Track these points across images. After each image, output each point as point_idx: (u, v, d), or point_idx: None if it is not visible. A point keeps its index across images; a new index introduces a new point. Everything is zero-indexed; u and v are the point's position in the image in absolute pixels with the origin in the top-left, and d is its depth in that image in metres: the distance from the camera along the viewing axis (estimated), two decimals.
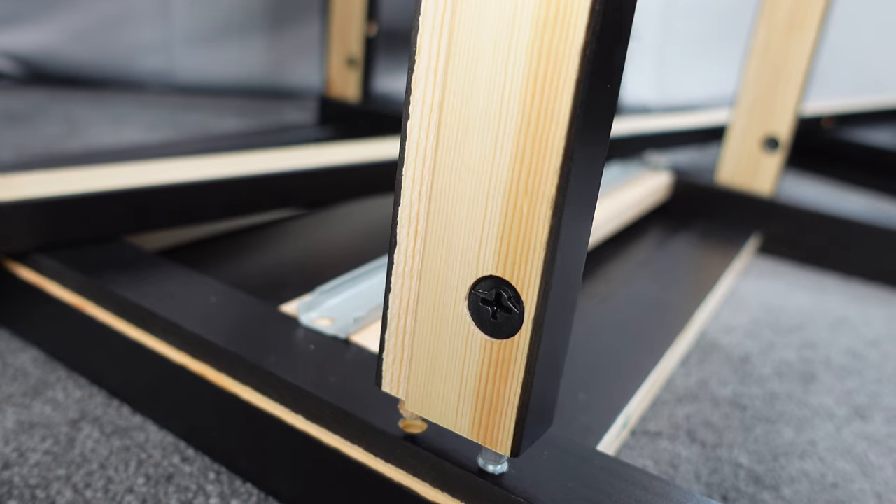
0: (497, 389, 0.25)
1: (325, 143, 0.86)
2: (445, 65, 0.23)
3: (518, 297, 0.23)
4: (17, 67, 1.26)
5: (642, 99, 1.68)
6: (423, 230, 0.25)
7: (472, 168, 0.23)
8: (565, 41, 0.20)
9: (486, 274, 0.24)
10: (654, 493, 0.28)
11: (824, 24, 0.73)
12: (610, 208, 0.69)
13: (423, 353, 0.27)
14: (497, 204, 0.23)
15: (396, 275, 0.26)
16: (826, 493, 0.41)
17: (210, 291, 0.41)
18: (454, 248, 0.24)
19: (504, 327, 0.24)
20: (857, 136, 1.28)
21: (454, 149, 0.23)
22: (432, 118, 0.24)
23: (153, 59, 1.34)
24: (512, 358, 0.24)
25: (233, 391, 0.35)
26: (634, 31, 1.44)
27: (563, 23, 0.20)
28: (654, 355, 0.47)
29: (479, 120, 0.23)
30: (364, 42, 1.06)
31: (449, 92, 0.23)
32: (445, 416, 0.27)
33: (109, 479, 0.36)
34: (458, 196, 0.24)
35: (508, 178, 0.22)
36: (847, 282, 0.76)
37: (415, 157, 0.25)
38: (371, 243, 0.64)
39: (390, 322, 0.27)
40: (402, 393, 0.28)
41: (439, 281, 0.25)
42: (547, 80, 0.21)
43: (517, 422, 0.25)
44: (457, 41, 0.23)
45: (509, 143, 0.22)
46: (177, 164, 0.55)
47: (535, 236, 0.22)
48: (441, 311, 0.25)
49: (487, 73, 0.22)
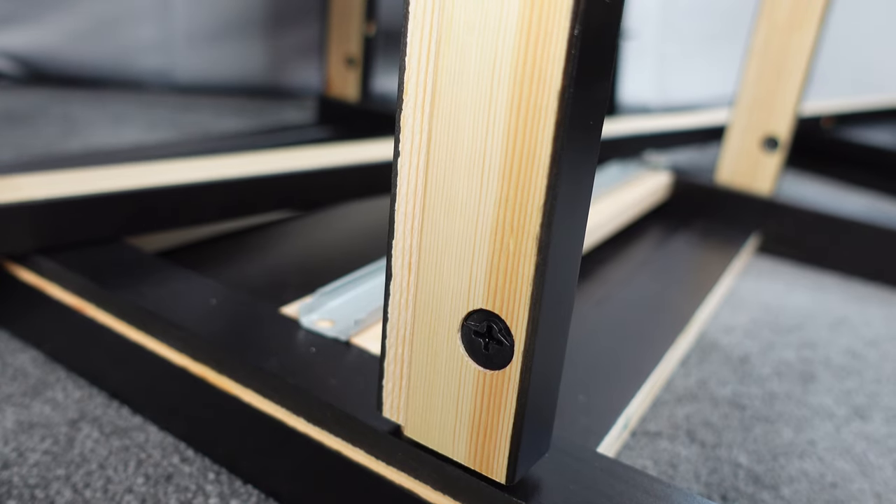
0: (491, 419, 0.26)
1: (325, 143, 0.86)
2: (431, 108, 0.24)
3: (508, 329, 0.24)
4: (16, 67, 1.26)
5: (642, 99, 1.68)
6: (416, 263, 0.26)
7: (459, 206, 0.24)
8: (543, 86, 0.21)
9: (477, 308, 0.25)
10: (655, 496, 0.28)
11: (824, 24, 0.73)
12: (609, 208, 0.69)
13: (419, 382, 0.27)
14: (484, 241, 0.24)
15: (393, 305, 0.27)
16: (825, 492, 0.41)
17: (210, 293, 0.41)
18: (446, 281, 0.25)
19: (496, 359, 0.25)
20: (856, 136, 1.28)
21: (442, 188, 0.24)
22: (420, 157, 0.25)
23: (153, 58, 1.34)
24: (504, 389, 0.25)
25: (234, 393, 0.35)
26: (634, 30, 1.44)
27: (541, 68, 0.21)
28: (653, 356, 0.47)
29: (464, 161, 0.23)
30: (363, 42, 1.06)
31: (435, 133, 0.24)
32: (443, 444, 0.28)
33: (109, 479, 0.36)
34: (448, 233, 0.24)
35: (494, 216, 0.23)
36: (847, 282, 0.76)
37: (405, 193, 0.25)
38: (371, 244, 0.64)
39: (388, 350, 0.28)
40: (401, 419, 0.29)
41: (433, 313, 0.26)
42: (528, 124, 0.22)
43: (511, 450, 0.26)
44: (440, 86, 0.23)
45: (494, 183, 0.23)
46: (177, 165, 0.55)
47: (521, 272, 0.23)
48: (435, 341, 0.26)
49: (471, 118, 0.23)
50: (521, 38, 0.21)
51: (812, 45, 0.73)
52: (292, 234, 0.64)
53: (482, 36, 0.22)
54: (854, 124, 1.40)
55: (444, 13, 0.23)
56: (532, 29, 0.21)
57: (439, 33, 0.23)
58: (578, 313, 0.53)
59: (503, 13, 0.21)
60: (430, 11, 0.23)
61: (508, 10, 0.21)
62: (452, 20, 0.22)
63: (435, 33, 0.23)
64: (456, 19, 0.22)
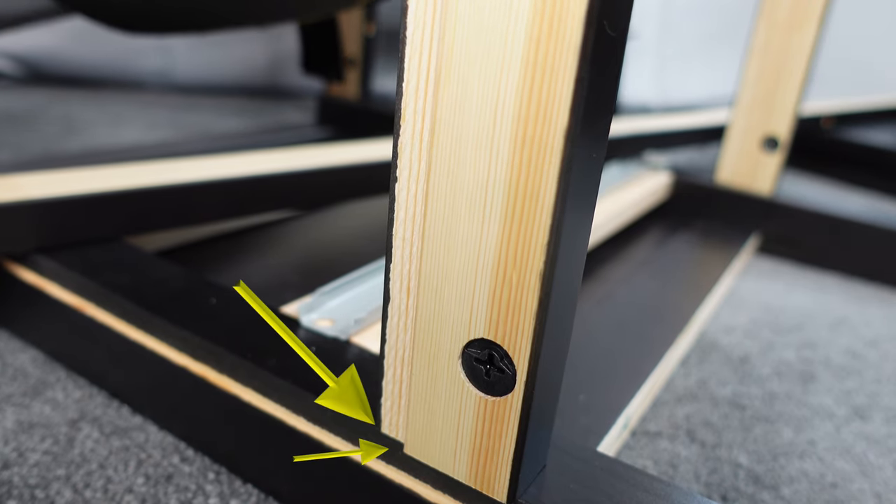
0: (492, 443, 0.26)
1: (325, 142, 0.86)
2: (430, 137, 0.23)
3: (510, 357, 0.24)
4: (16, 67, 1.26)
5: (642, 99, 1.68)
6: (416, 289, 0.26)
7: (461, 239, 0.24)
8: (549, 124, 0.21)
9: (479, 337, 0.24)
10: (655, 495, 0.28)
11: (824, 24, 0.73)
12: (609, 208, 0.69)
13: (419, 403, 0.27)
14: (486, 273, 0.23)
15: (391, 328, 0.27)
16: (825, 492, 0.41)
17: (211, 292, 0.41)
18: (446, 309, 0.25)
19: (497, 386, 0.25)
20: (856, 136, 1.28)
21: (442, 220, 0.24)
22: (419, 186, 0.24)
23: (153, 59, 1.34)
24: (506, 416, 0.25)
25: (234, 393, 0.35)
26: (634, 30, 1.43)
27: (546, 107, 0.20)
28: (654, 356, 0.47)
29: (466, 195, 0.23)
30: (363, 42, 1.06)
31: (435, 164, 0.23)
32: (444, 463, 0.28)
33: (109, 479, 0.36)
34: (448, 263, 0.24)
35: (497, 251, 0.23)
36: (847, 282, 0.76)
37: (403, 220, 0.25)
38: (371, 244, 0.64)
39: (387, 371, 0.28)
40: (401, 436, 0.29)
41: (433, 338, 0.26)
42: (533, 162, 0.21)
43: (512, 472, 0.26)
44: (440, 117, 0.23)
45: (497, 219, 0.22)
46: (177, 165, 0.55)
47: (524, 305, 0.23)
48: (436, 366, 0.26)
49: (472, 152, 0.22)
50: (525, 75, 0.20)
51: (812, 44, 0.73)
52: (292, 233, 0.64)
53: (484, 70, 0.21)
54: (854, 124, 1.39)
55: (443, 43, 0.22)
56: (538, 67, 0.20)
57: (439, 62, 0.22)
58: (579, 313, 0.53)
59: (507, 49, 0.21)
60: (428, 39, 0.22)
61: (513, 46, 0.20)
62: (453, 52, 0.22)
63: (434, 61, 0.22)
64: (457, 51, 0.22)
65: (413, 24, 0.22)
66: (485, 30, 0.21)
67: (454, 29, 0.22)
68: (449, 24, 0.22)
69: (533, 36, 0.20)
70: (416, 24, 0.22)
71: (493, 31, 0.21)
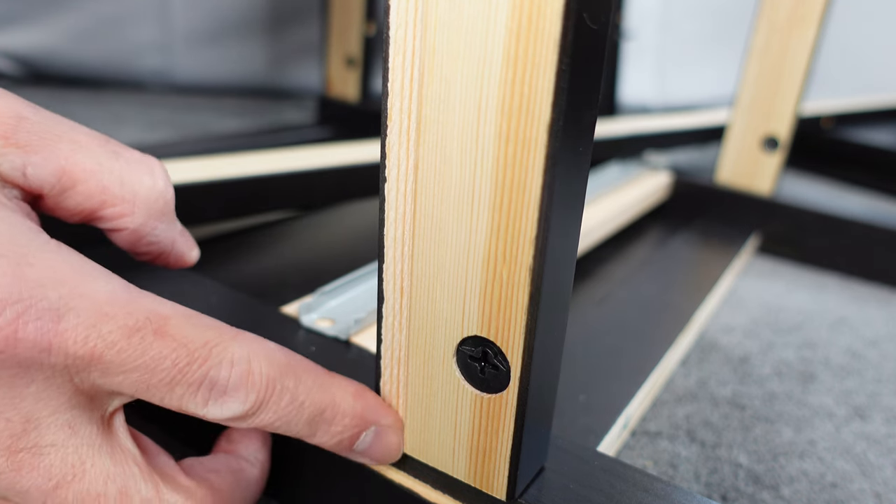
0: (490, 441, 0.26)
1: (325, 143, 0.86)
2: (417, 136, 0.23)
3: (504, 354, 0.24)
4: (16, 67, 1.26)
5: (642, 99, 1.68)
6: (409, 288, 0.26)
7: (450, 236, 0.24)
8: (532, 119, 0.21)
9: (472, 334, 0.25)
10: (655, 495, 0.28)
11: (824, 24, 0.73)
12: (609, 208, 0.69)
13: (417, 403, 0.27)
14: (476, 270, 0.23)
15: (386, 328, 0.27)
16: (825, 492, 0.41)
17: (210, 292, 0.41)
18: (439, 307, 0.25)
19: (492, 383, 0.25)
20: (856, 136, 1.28)
21: (431, 218, 0.24)
22: (408, 185, 0.24)
23: (153, 59, 1.34)
24: (502, 412, 0.25)
25: None
26: (634, 30, 1.43)
27: (529, 101, 0.20)
28: (654, 356, 0.47)
29: (453, 192, 0.23)
30: (363, 42, 1.06)
31: (422, 162, 0.23)
32: (443, 463, 0.28)
33: None
34: (439, 261, 0.24)
35: (486, 247, 0.23)
36: (847, 282, 0.76)
37: (394, 219, 0.25)
38: (371, 244, 0.64)
39: (384, 371, 0.28)
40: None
41: (428, 337, 0.26)
42: (517, 156, 0.21)
43: (510, 469, 0.26)
44: (425, 115, 0.23)
45: (485, 214, 0.23)
46: (177, 165, 0.55)
47: (515, 301, 0.23)
48: (431, 365, 0.26)
49: (458, 149, 0.22)
50: (506, 70, 0.21)
51: (812, 45, 0.73)
52: (292, 233, 0.64)
53: (466, 66, 0.21)
54: (854, 124, 1.39)
55: (425, 41, 0.22)
56: (518, 61, 0.20)
57: (422, 60, 0.22)
58: (579, 312, 0.53)
59: (487, 44, 0.21)
60: (411, 38, 0.22)
61: (493, 41, 0.21)
62: (435, 49, 0.22)
63: (418, 60, 0.22)
64: (439, 48, 0.22)
65: (395, 23, 0.22)
66: (465, 25, 0.21)
67: (435, 26, 0.22)
68: (430, 22, 0.22)
69: (512, 30, 0.20)
70: (398, 23, 0.22)
71: (473, 26, 0.21)
